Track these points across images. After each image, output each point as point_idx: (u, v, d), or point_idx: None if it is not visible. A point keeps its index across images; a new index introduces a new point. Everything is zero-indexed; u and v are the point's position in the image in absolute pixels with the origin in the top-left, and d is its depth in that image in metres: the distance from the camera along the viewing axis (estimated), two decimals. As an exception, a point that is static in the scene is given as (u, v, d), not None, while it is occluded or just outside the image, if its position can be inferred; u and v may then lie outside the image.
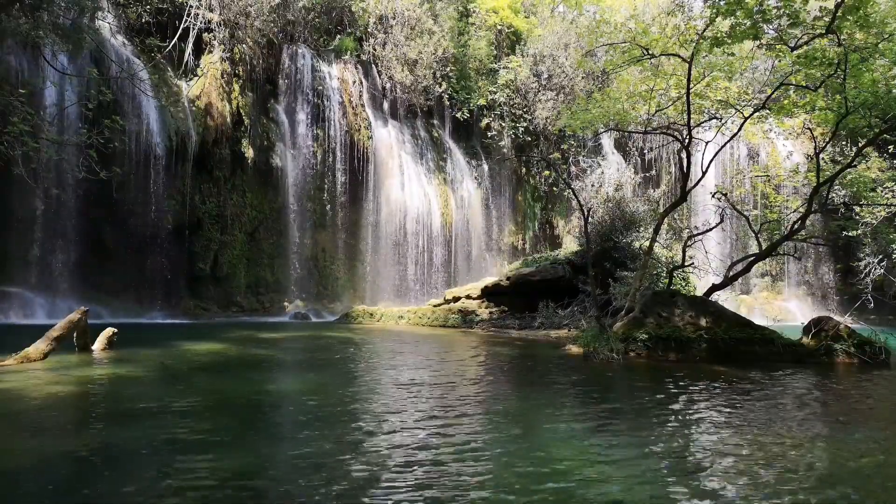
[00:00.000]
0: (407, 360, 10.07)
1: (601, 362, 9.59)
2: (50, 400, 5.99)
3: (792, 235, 13.08)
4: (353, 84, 23.95)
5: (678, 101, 13.89)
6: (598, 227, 18.02)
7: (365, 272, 23.71)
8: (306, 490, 3.59)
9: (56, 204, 17.04)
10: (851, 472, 4.18)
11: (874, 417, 6.20)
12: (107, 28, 18.55)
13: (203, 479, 3.73)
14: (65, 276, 17.26)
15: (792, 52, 11.25)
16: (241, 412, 5.78)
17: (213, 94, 20.31)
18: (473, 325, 17.12)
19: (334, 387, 7.23)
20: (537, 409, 6.14)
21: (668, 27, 13.34)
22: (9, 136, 11.94)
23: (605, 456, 4.41)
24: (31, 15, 13.62)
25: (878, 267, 21.92)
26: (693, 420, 5.73)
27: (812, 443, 4.93)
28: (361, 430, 5.03)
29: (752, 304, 26.59)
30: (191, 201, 19.51)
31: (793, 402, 6.80)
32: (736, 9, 10.34)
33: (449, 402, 6.41)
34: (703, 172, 13.61)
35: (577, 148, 27.85)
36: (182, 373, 8.05)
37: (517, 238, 28.28)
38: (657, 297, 11.56)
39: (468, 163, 27.26)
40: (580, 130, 18.16)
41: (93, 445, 4.46)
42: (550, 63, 27.00)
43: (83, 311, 9.07)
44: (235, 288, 20.74)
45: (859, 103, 11.01)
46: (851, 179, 16.47)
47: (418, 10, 25.29)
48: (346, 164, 23.19)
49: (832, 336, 10.31)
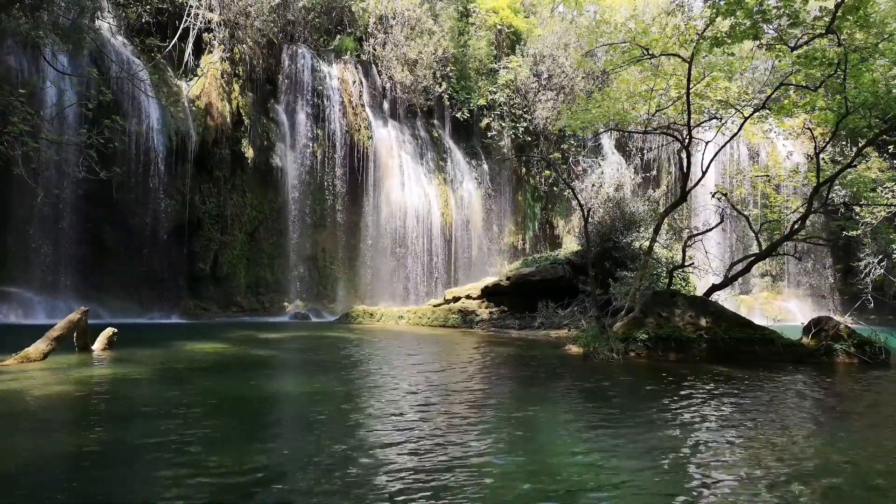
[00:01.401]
0: (407, 361, 10.07)
1: (601, 362, 9.59)
2: (50, 400, 5.99)
3: (792, 235, 13.08)
4: (353, 84, 23.96)
5: (678, 101, 13.89)
6: (598, 227, 18.02)
7: (365, 272, 23.72)
8: (306, 490, 3.59)
9: (56, 204, 17.04)
10: (851, 472, 4.18)
11: (874, 417, 6.20)
12: (107, 28, 18.55)
13: (203, 479, 3.72)
14: (65, 276, 17.25)
15: (792, 52, 11.25)
16: (241, 412, 5.78)
17: (213, 94, 20.31)
18: (473, 325, 17.12)
19: (334, 387, 7.23)
20: (538, 409, 6.14)
21: (668, 27, 13.33)
22: (9, 136, 11.95)
23: (606, 456, 4.41)
24: (31, 15, 13.62)
25: (878, 267, 21.92)
26: (693, 420, 5.73)
27: (812, 443, 4.93)
28: (361, 431, 5.03)
29: (752, 304, 26.59)
30: (191, 201, 19.51)
31: (793, 402, 6.80)
32: (736, 9, 10.34)
33: (449, 402, 6.41)
34: (703, 172, 13.61)
35: (577, 148, 27.85)
36: (182, 373, 8.05)
37: (517, 238, 28.28)
38: (657, 297, 11.56)
39: (468, 163, 27.26)
40: (580, 130, 18.17)
41: (93, 445, 4.45)
42: (550, 63, 27.00)
43: (83, 311, 9.07)
44: (235, 288, 20.74)
45: (859, 103, 11.00)
46: (851, 179, 16.48)
47: (418, 10, 25.30)
48: (346, 164, 23.20)
49: (832, 336, 10.31)
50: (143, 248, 18.41)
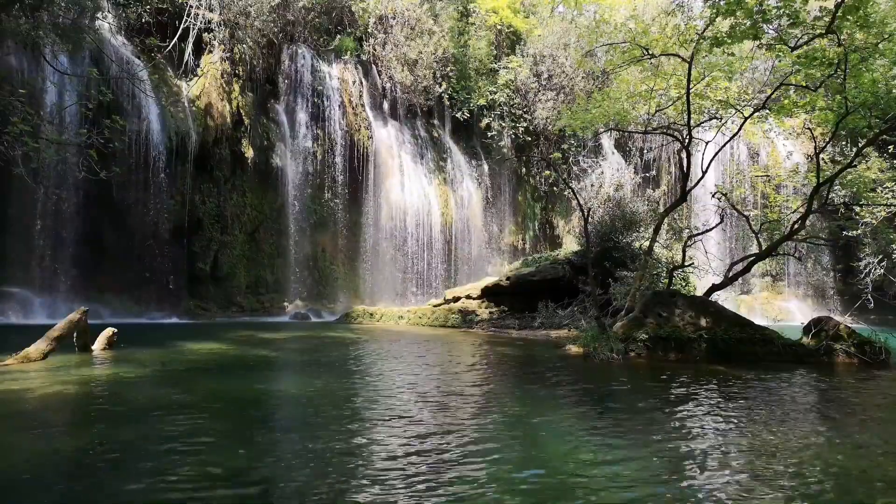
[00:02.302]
0: (406, 361, 10.07)
1: (601, 362, 9.59)
2: (50, 400, 5.99)
3: (792, 235, 13.07)
4: (353, 84, 23.96)
5: (678, 101, 13.89)
6: (598, 227, 18.01)
7: (365, 272, 23.72)
8: (307, 490, 3.59)
9: (56, 204, 17.03)
10: (851, 472, 4.18)
11: (874, 417, 6.20)
12: (107, 28, 18.55)
13: (203, 479, 3.73)
14: (65, 276, 17.25)
15: (792, 52, 11.24)
16: (241, 412, 5.77)
17: (213, 94, 20.32)
18: (473, 325, 17.12)
19: (334, 387, 7.23)
20: (538, 409, 6.13)
21: (668, 27, 13.34)
22: (9, 136, 11.94)
23: (607, 457, 4.41)
24: (31, 15, 13.62)
25: (878, 267, 21.90)
26: (694, 420, 5.73)
27: (812, 442, 4.93)
28: (361, 431, 5.03)
29: (752, 304, 26.59)
30: (191, 201, 19.51)
31: (792, 402, 6.80)
32: (736, 9, 10.33)
33: (449, 402, 6.41)
34: (703, 172, 13.61)
35: (577, 148, 27.86)
36: (182, 373, 8.05)
37: (517, 238, 28.28)
38: (657, 297, 11.55)
39: (468, 163, 27.27)
40: (580, 130, 18.16)
41: (93, 445, 4.45)
42: (550, 63, 27.01)
43: (83, 311, 9.07)
44: (235, 288, 20.74)
45: (859, 103, 11.00)
46: (851, 179, 16.46)
47: (418, 10, 25.29)
48: (346, 164, 23.20)
49: (832, 336, 10.30)
50: (143, 248, 18.40)
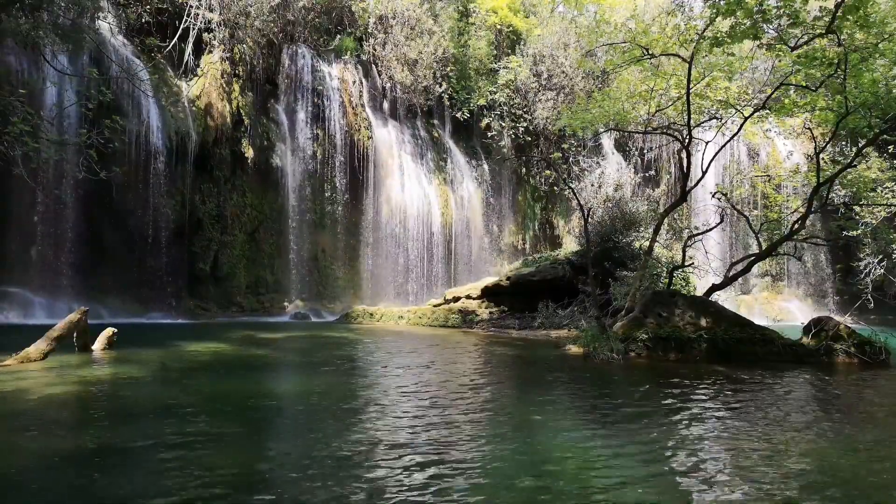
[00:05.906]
0: (407, 360, 10.07)
1: (601, 362, 9.59)
2: (50, 400, 5.99)
3: (792, 235, 13.07)
4: (353, 84, 23.95)
5: (678, 101, 13.88)
6: (598, 227, 18.01)
7: (365, 272, 23.71)
8: (307, 490, 3.59)
9: (56, 204, 17.02)
10: (851, 472, 4.18)
11: (874, 417, 6.20)
12: (107, 28, 18.54)
13: (203, 479, 3.72)
14: (65, 276, 17.23)
15: (792, 52, 11.24)
16: (242, 412, 5.78)
17: (213, 94, 20.31)
18: (473, 325, 17.12)
19: (335, 387, 7.23)
20: (538, 409, 6.13)
21: (668, 27, 13.33)
22: (9, 136, 11.94)
23: (607, 457, 4.41)
24: (31, 15, 13.62)
25: (878, 267, 21.88)
26: (694, 420, 5.73)
27: (812, 442, 4.93)
28: (361, 432, 5.03)
29: (752, 304, 26.57)
30: (191, 201, 19.51)
31: (792, 401, 6.80)
32: (736, 9, 10.33)
33: (449, 402, 6.41)
34: (703, 172, 13.61)
35: (577, 148, 27.83)
36: (182, 373, 8.05)
37: (517, 238, 28.27)
38: (657, 297, 11.56)
39: (468, 163, 27.26)
40: (580, 130, 18.17)
41: (93, 445, 4.45)
42: (550, 63, 26.99)
43: (83, 311, 9.07)
44: (235, 288, 20.73)
45: (859, 103, 11.00)
46: (851, 179, 16.43)
47: (418, 10, 25.28)
48: (346, 164, 23.18)
49: (832, 336, 10.31)
50: (143, 248, 18.37)
